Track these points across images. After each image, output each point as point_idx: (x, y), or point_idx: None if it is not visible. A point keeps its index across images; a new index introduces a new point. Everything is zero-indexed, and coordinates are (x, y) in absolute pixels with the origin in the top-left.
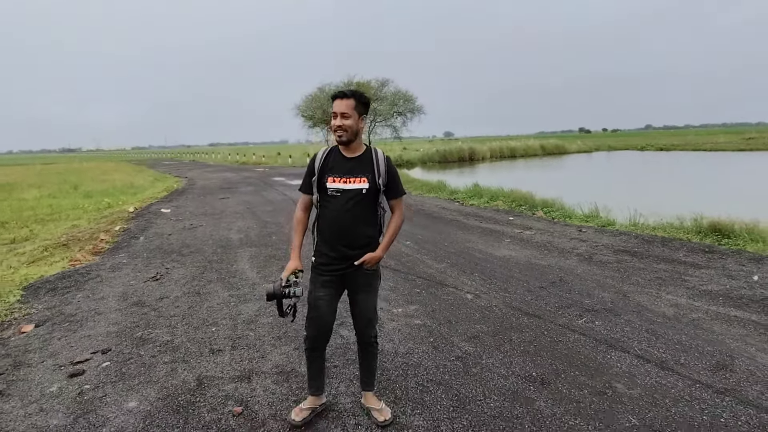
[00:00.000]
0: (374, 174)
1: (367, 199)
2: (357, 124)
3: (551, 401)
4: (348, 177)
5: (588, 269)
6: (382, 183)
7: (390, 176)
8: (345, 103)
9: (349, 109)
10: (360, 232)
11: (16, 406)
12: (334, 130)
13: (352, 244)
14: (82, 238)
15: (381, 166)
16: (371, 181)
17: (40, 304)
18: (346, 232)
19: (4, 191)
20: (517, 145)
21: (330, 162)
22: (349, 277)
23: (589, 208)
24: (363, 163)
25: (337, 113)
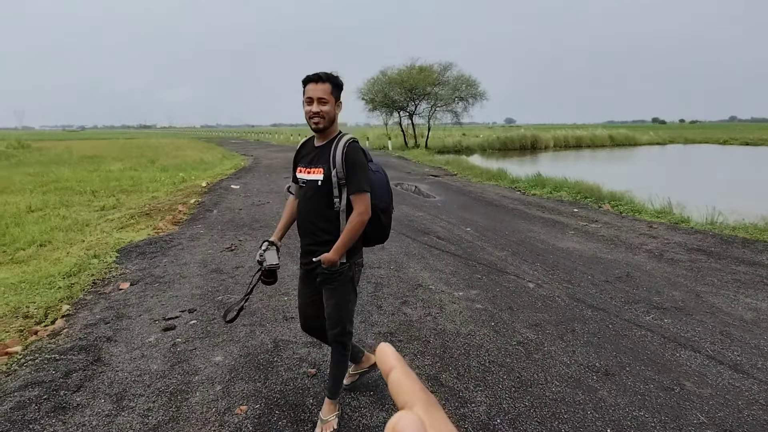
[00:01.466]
0: (329, 164)
1: (322, 192)
2: (333, 110)
3: (615, 392)
4: (310, 167)
5: (658, 266)
6: (336, 175)
7: (348, 168)
8: (322, 87)
9: (326, 93)
10: (319, 228)
11: (123, 351)
12: (310, 117)
13: (314, 239)
14: (162, 209)
15: (337, 156)
16: (326, 172)
17: (132, 266)
18: (304, 224)
19: (93, 163)
20: (583, 134)
21: (303, 151)
22: (315, 274)
23: (661, 203)
24: (324, 152)
25: (313, 98)
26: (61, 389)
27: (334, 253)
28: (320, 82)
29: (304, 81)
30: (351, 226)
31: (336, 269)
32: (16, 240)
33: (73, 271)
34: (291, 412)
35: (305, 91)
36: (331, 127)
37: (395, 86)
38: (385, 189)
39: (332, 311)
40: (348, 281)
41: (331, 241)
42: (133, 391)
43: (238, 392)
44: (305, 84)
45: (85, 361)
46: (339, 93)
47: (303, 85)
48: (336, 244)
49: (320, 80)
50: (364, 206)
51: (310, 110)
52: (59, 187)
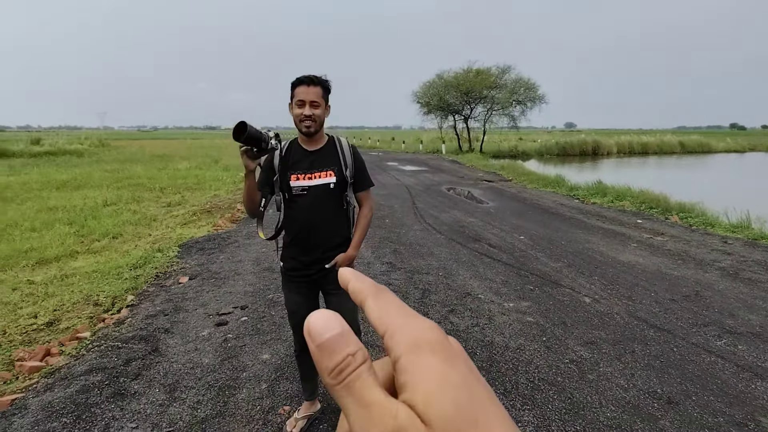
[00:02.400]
0: (341, 166)
1: (335, 194)
2: (324, 113)
3: (678, 423)
4: (312, 172)
5: (732, 286)
6: (349, 175)
7: (357, 167)
8: (314, 90)
9: (318, 97)
10: (332, 232)
11: (178, 343)
12: (301, 120)
13: (326, 245)
14: (222, 207)
15: (347, 157)
16: (338, 174)
17: (192, 260)
18: (317, 232)
19: (163, 161)
20: (650, 140)
21: (291, 158)
22: (323, 280)
23: (738, 216)
24: (327, 156)
25: (306, 101)
26: (121, 376)
27: (354, 249)
28: (312, 85)
29: (294, 83)
30: (366, 221)
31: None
32: (93, 232)
33: (139, 264)
34: (332, 416)
35: (295, 94)
36: (320, 131)
37: (451, 89)
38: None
39: (352, 315)
40: None
41: (344, 242)
42: (185, 383)
43: (282, 392)
44: (295, 86)
45: (144, 351)
46: (328, 96)
47: (292, 88)
48: (354, 240)
49: (312, 83)
50: (372, 200)
51: (301, 113)
52: (132, 184)
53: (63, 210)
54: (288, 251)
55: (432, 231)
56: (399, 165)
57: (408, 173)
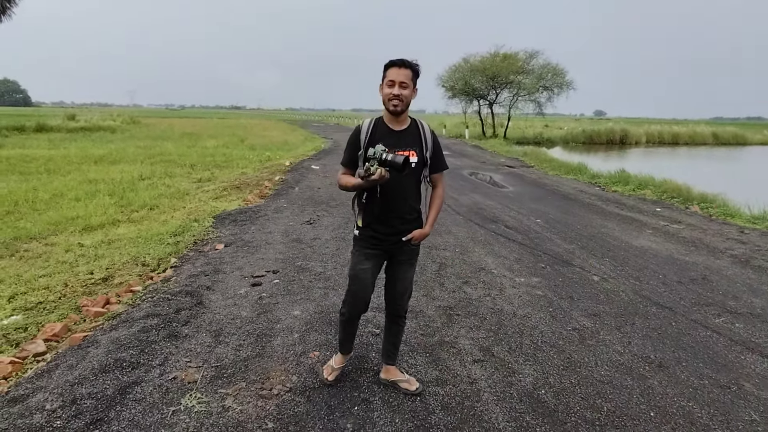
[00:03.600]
0: (422, 147)
1: (415, 172)
2: (411, 95)
3: (666, 382)
4: (397, 150)
5: (741, 272)
6: (429, 156)
7: (435, 150)
8: (404, 72)
9: (408, 78)
10: (409, 206)
11: (219, 299)
12: (390, 99)
13: (403, 217)
14: (251, 183)
15: (428, 139)
16: (419, 154)
17: (226, 230)
18: (396, 205)
19: (192, 140)
20: (681, 130)
21: (377, 135)
22: (396, 251)
23: (761, 208)
24: (410, 136)
25: (395, 81)
26: (173, 322)
27: (430, 227)
28: (403, 68)
29: (387, 65)
30: (440, 201)
31: (419, 244)
32: (131, 203)
33: (178, 232)
34: (356, 362)
35: (387, 75)
36: (405, 111)
37: (477, 74)
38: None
39: (409, 285)
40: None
41: (418, 216)
42: (227, 330)
43: (312, 341)
44: (387, 68)
45: (191, 303)
46: (417, 80)
47: (384, 69)
48: (430, 218)
49: (403, 65)
50: (444, 181)
51: (390, 93)
52: (164, 160)
53: (103, 182)
54: (366, 221)
55: (451, 212)
56: None
57: None
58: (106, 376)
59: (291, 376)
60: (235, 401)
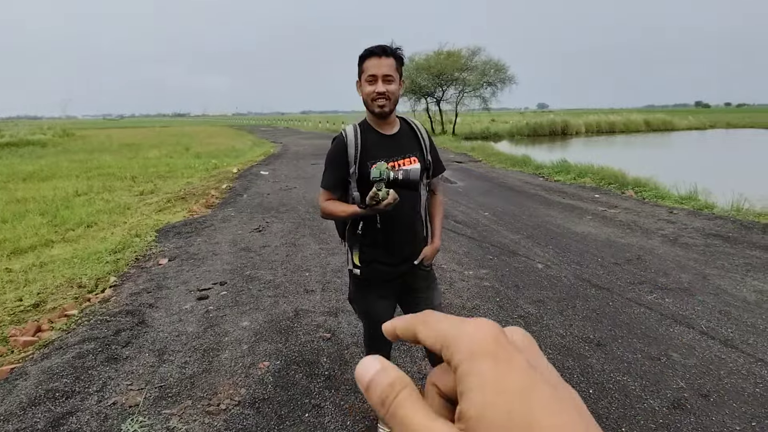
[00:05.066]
0: (422, 150)
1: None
2: (399, 89)
3: (603, 360)
4: (395, 159)
5: (670, 250)
6: (429, 162)
7: (434, 151)
8: (387, 62)
9: (392, 70)
10: (420, 224)
11: (163, 316)
12: (373, 98)
13: (414, 240)
14: (196, 193)
15: (426, 140)
16: (421, 159)
17: (170, 244)
18: (406, 228)
19: (132, 150)
20: (617, 119)
21: (369, 144)
22: (411, 279)
23: (687, 189)
24: (407, 140)
25: (378, 76)
26: (113, 344)
27: (438, 239)
28: (384, 57)
29: (363, 56)
30: (443, 207)
31: (431, 265)
32: (67, 221)
33: (118, 248)
34: (307, 368)
35: (365, 68)
36: (394, 111)
37: (422, 72)
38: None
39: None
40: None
41: (427, 234)
42: (172, 348)
43: (262, 351)
44: (364, 59)
45: (132, 323)
46: (402, 70)
47: (360, 62)
48: (436, 231)
49: (384, 54)
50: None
51: (373, 91)
52: (102, 173)
53: (33, 201)
54: (368, 255)
55: None
56: None
57: None
58: (36, 409)
59: (240, 389)
60: (180, 421)
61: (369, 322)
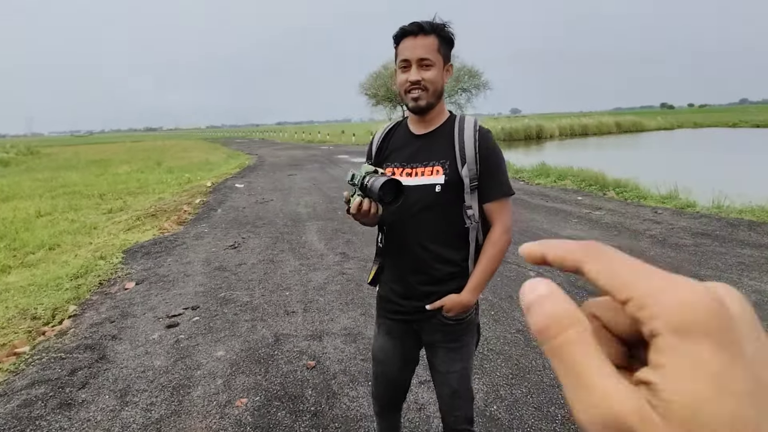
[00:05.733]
0: (454, 159)
1: (444, 202)
2: (442, 77)
3: None
4: (414, 166)
5: (661, 252)
6: (469, 174)
7: (485, 163)
8: (423, 43)
9: (431, 52)
10: (436, 257)
11: (127, 348)
12: (407, 90)
13: (426, 275)
14: (168, 210)
15: (467, 146)
16: (449, 172)
17: (138, 266)
18: (413, 255)
19: (101, 167)
20: (589, 122)
21: (390, 144)
22: (423, 327)
23: (667, 189)
24: (438, 142)
25: (411, 60)
26: (67, 386)
27: (472, 294)
28: (422, 35)
29: (397, 36)
30: (497, 250)
31: (464, 318)
32: (26, 244)
33: (80, 273)
34: (290, 404)
35: (399, 53)
36: (437, 105)
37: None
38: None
39: (460, 383)
40: (476, 332)
41: (456, 275)
42: (136, 387)
43: (239, 385)
44: (399, 40)
45: (90, 359)
46: (449, 52)
47: (396, 43)
48: (474, 279)
49: (422, 31)
50: (510, 219)
51: (406, 80)
52: (67, 192)
53: None
54: (384, 273)
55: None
56: (350, 158)
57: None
58: None
59: None
60: None
61: (373, 357)
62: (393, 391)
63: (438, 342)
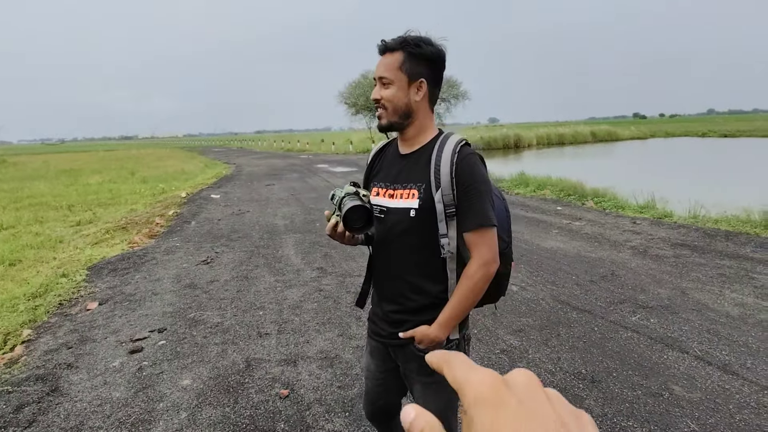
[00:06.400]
0: (429, 182)
1: (420, 229)
2: (407, 95)
3: (602, 400)
4: (395, 187)
5: (642, 263)
6: (443, 199)
7: (461, 187)
8: (386, 61)
9: (391, 70)
10: (413, 285)
11: (84, 378)
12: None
13: (400, 305)
14: (139, 222)
15: (443, 169)
16: (423, 196)
17: (103, 284)
18: (386, 279)
19: (71, 177)
20: (566, 131)
21: (380, 162)
22: (397, 354)
23: (645, 198)
24: (418, 164)
25: (376, 78)
26: (11, 426)
27: (441, 328)
28: (387, 53)
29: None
30: (470, 284)
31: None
32: None
33: (39, 292)
34: None
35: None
36: (411, 124)
37: None
38: (505, 221)
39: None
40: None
41: (431, 306)
42: (90, 424)
43: (205, 419)
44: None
45: (41, 392)
46: (419, 67)
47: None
48: (444, 314)
49: (387, 49)
50: (490, 251)
51: (372, 99)
52: (34, 203)
53: None
54: (372, 294)
55: None
56: (329, 167)
57: (338, 174)
58: None
59: None
60: None
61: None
62: (378, 409)
63: (413, 373)
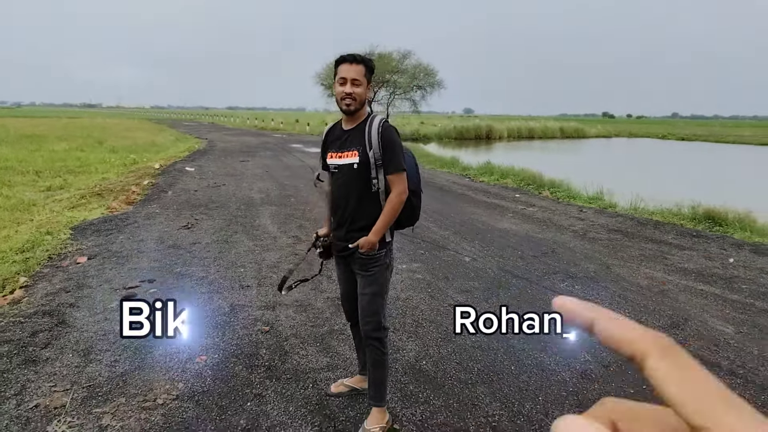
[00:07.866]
0: (365, 146)
1: (360, 175)
2: (365, 92)
3: (524, 341)
4: (343, 151)
5: (580, 244)
6: (374, 156)
7: (384, 147)
8: (356, 68)
9: (360, 75)
10: (358, 212)
11: (86, 315)
12: (342, 97)
13: (351, 225)
14: (114, 189)
15: (373, 136)
16: (362, 154)
17: (88, 242)
18: (343, 211)
19: (35, 142)
20: (536, 126)
21: (331, 136)
22: (348, 260)
23: (595, 191)
24: (357, 135)
25: (347, 79)
26: (30, 346)
27: (374, 235)
28: (355, 63)
29: (338, 61)
30: (391, 206)
31: (374, 254)
32: None
33: (27, 247)
34: (246, 360)
35: (338, 72)
36: (361, 110)
37: None
38: (414, 170)
39: (368, 303)
40: (386, 267)
41: (370, 225)
42: (99, 347)
43: (198, 346)
44: (338, 64)
45: (50, 323)
46: (371, 76)
47: (335, 66)
48: (376, 225)
49: (355, 61)
50: (402, 185)
51: (342, 91)
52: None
53: None
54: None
55: None
56: (304, 147)
57: (312, 155)
58: None
59: (177, 384)
60: (114, 418)
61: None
62: (351, 308)
63: (357, 271)
